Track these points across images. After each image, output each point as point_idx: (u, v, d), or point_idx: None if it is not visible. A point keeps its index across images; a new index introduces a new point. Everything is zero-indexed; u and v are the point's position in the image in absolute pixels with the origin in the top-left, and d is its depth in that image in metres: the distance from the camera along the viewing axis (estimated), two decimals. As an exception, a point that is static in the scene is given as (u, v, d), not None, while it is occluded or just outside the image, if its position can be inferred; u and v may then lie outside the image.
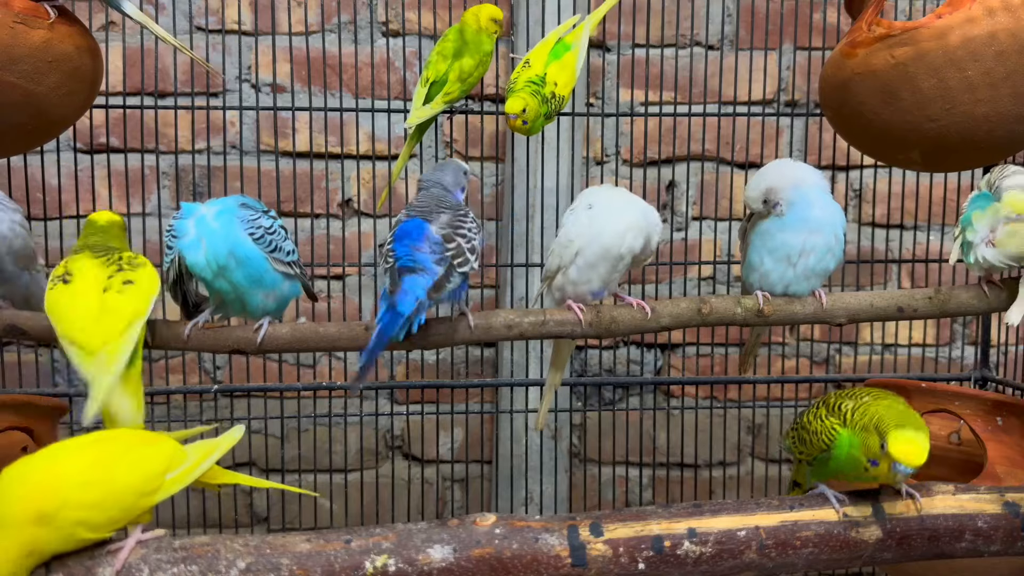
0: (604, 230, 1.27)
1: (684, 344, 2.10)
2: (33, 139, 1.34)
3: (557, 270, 1.31)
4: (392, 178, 1.54)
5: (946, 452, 1.60)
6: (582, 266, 1.29)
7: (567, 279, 1.30)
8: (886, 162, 1.65)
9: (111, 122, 1.83)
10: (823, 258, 1.33)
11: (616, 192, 1.34)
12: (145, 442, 1.04)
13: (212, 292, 1.27)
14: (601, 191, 1.34)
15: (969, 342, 2.14)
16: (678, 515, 1.15)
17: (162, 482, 1.01)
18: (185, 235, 1.22)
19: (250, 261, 1.23)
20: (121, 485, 0.98)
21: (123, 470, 0.99)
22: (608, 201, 1.30)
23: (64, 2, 1.23)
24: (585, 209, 1.30)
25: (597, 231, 1.27)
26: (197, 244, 1.21)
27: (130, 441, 1.03)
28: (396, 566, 1.06)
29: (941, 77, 1.26)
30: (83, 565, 1.01)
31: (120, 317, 1.11)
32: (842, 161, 1.99)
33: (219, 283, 1.23)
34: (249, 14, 1.89)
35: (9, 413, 1.43)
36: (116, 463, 0.99)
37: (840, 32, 1.90)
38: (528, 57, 1.46)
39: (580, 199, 1.34)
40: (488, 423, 2.07)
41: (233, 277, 1.23)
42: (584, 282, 1.30)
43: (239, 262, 1.22)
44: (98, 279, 1.14)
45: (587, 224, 1.28)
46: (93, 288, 1.13)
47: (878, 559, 1.18)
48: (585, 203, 1.31)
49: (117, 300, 1.12)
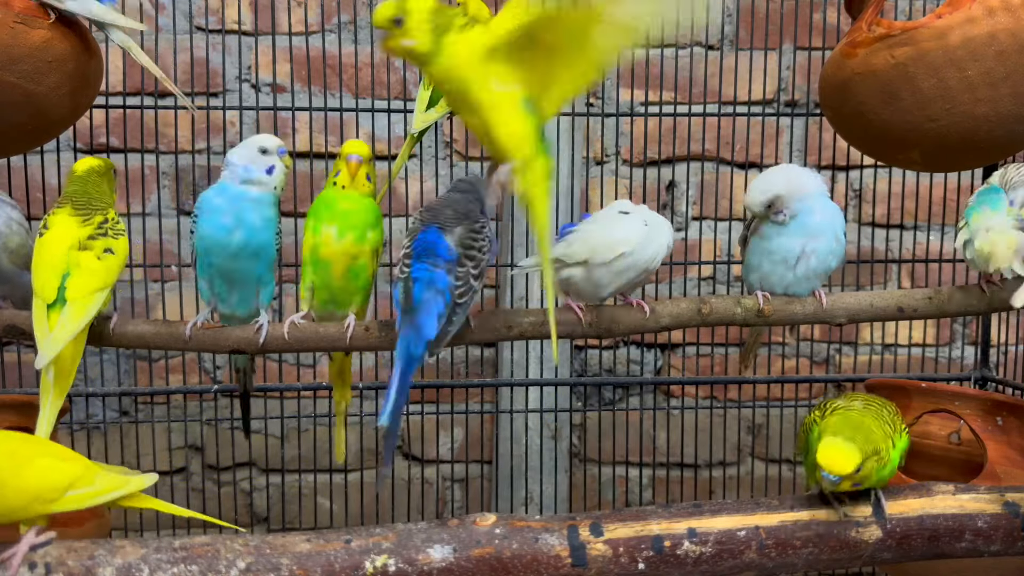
0: (658, 247, 1.28)
1: (684, 344, 2.10)
2: (33, 139, 1.34)
3: (582, 263, 1.28)
4: (391, 178, 1.54)
5: (946, 452, 1.60)
6: (617, 271, 1.27)
7: (587, 277, 1.28)
8: (886, 162, 1.65)
9: (111, 122, 1.83)
10: (824, 260, 1.33)
11: (653, 212, 1.35)
12: (58, 455, 1.07)
13: (211, 274, 1.27)
14: (641, 207, 1.34)
15: (969, 342, 2.14)
16: (678, 515, 1.15)
17: (62, 496, 1.04)
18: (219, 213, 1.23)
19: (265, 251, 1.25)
20: (21, 484, 1.02)
21: (28, 472, 1.02)
22: (653, 217, 1.31)
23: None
24: (642, 222, 1.29)
25: (654, 250, 1.28)
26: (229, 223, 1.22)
27: (44, 450, 1.07)
28: (396, 566, 1.06)
29: (941, 77, 1.26)
30: (83, 565, 1.01)
31: (96, 278, 1.17)
32: (842, 161, 1.99)
33: (230, 264, 1.24)
34: (249, 14, 1.89)
35: (9, 413, 1.43)
36: (23, 463, 1.03)
37: (840, 32, 1.90)
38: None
39: (618, 207, 1.33)
40: (488, 423, 2.07)
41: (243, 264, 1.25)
42: (605, 286, 1.29)
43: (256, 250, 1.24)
44: (70, 234, 1.19)
45: (639, 233, 1.27)
46: (61, 242, 1.18)
47: (878, 559, 1.18)
48: (638, 215, 1.30)
49: (95, 264, 1.18)
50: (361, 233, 1.24)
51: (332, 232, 1.23)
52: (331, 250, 1.24)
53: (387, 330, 1.27)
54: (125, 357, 1.98)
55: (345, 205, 1.24)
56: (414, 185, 2.02)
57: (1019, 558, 1.29)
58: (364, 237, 1.25)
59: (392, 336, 1.27)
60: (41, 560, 1.01)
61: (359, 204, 1.25)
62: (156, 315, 1.94)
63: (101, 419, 1.94)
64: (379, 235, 1.27)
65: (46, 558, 1.01)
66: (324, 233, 1.24)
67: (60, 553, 1.02)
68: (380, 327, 1.28)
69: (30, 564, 1.00)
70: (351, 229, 1.24)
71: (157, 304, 1.94)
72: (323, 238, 1.24)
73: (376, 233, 1.26)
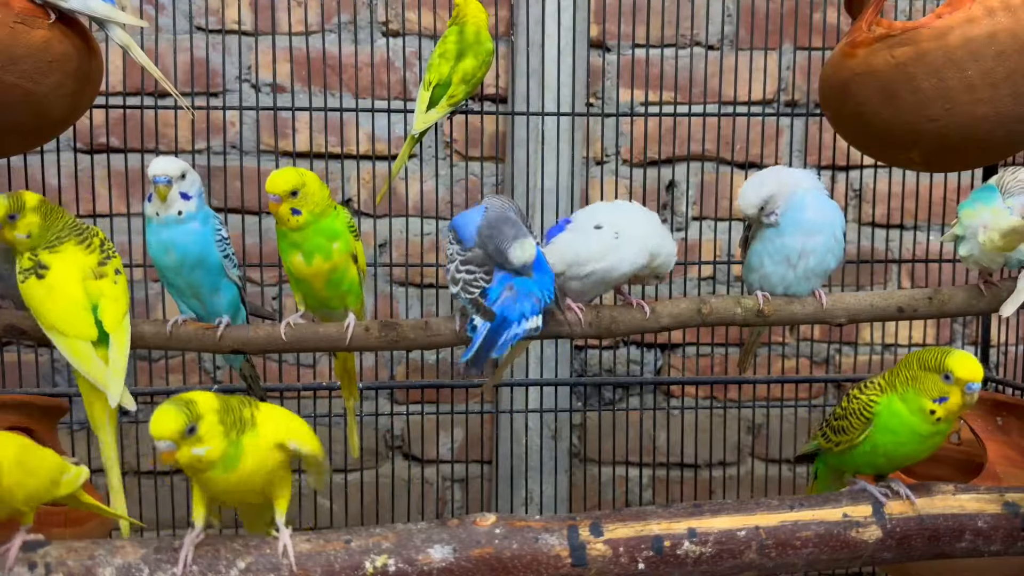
0: (623, 259, 1.27)
1: (684, 344, 2.10)
2: (33, 139, 1.34)
3: (560, 273, 1.30)
4: (391, 177, 1.54)
5: (946, 452, 1.60)
6: (593, 282, 1.29)
7: (569, 286, 1.31)
8: (886, 162, 1.65)
9: (111, 122, 1.83)
10: (823, 259, 1.33)
11: (634, 215, 1.32)
12: (41, 447, 1.09)
13: (167, 284, 1.32)
14: (620, 212, 1.32)
15: (969, 342, 2.13)
16: (678, 515, 1.15)
17: (62, 478, 1.07)
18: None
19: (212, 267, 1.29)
20: (42, 469, 1.05)
21: (41, 459, 1.05)
22: (629, 225, 1.29)
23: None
24: (612, 235, 1.28)
25: (617, 260, 1.27)
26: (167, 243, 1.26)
27: (32, 443, 1.08)
28: (396, 566, 1.06)
29: (941, 77, 1.26)
30: (83, 565, 1.01)
31: (121, 304, 1.18)
32: (842, 161, 1.99)
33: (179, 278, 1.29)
34: (249, 14, 1.89)
35: (9, 413, 1.43)
36: (36, 453, 1.05)
37: (840, 32, 1.90)
38: None
39: (597, 215, 1.31)
40: (488, 423, 2.07)
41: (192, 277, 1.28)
42: (588, 291, 1.31)
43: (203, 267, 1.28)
44: (78, 266, 1.18)
45: (608, 249, 1.27)
46: (74, 276, 1.17)
47: (878, 559, 1.18)
48: (610, 228, 1.28)
49: (116, 290, 1.18)
50: (326, 252, 1.25)
51: (299, 259, 1.26)
52: (305, 272, 1.26)
53: (387, 330, 1.27)
54: (125, 357, 1.97)
55: (295, 237, 1.25)
56: (414, 185, 2.02)
57: (1019, 558, 1.30)
58: (330, 254, 1.25)
59: (392, 336, 1.27)
60: (41, 560, 1.01)
61: (309, 230, 1.24)
62: (156, 315, 1.94)
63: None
64: (346, 241, 1.27)
65: (46, 558, 1.01)
66: (293, 261, 1.26)
67: (60, 553, 1.02)
68: (380, 327, 1.28)
69: (30, 564, 1.00)
70: (315, 252, 1.25)
71: (157, 304, 1.94)
72: (294, 265, 1.26)
73: (342, 241, 1.26)
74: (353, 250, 1.28)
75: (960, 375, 1.11)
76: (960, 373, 1.11)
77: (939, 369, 1.12)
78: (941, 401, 1.13)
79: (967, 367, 1.11)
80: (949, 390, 1.12)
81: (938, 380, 1.12)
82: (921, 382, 1.14)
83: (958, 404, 1.13)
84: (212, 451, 0.97)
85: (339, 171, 1.99)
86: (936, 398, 1.13)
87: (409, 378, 2.07)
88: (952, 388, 1.12)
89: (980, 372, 1.12)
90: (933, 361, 1.13)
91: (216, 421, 0.98)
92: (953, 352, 1.13)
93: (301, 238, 1.24)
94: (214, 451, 0.97)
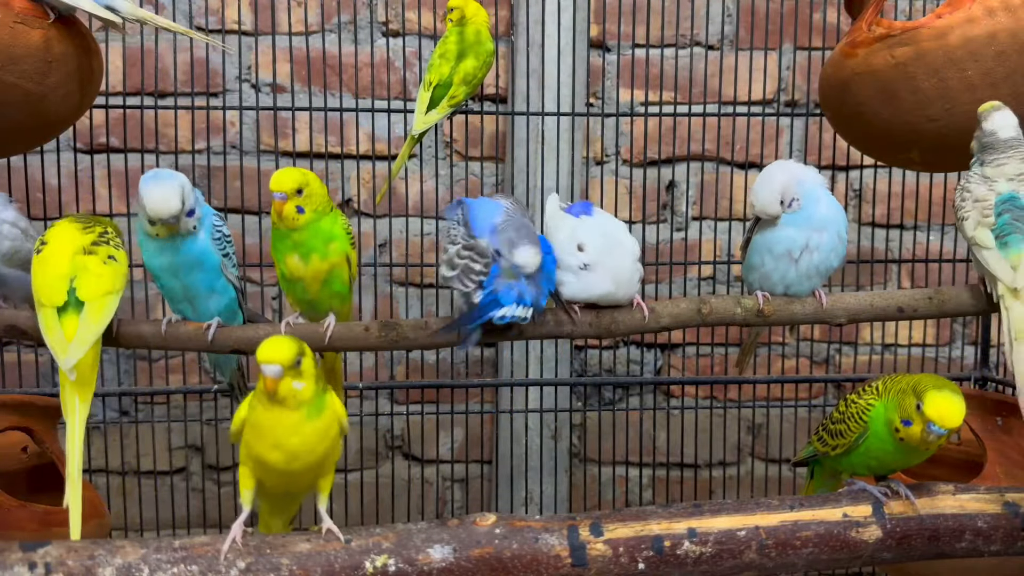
0: (606, 285, 1.26)
1: (684, 344, 2.10)
2: (33, 139, 1.34)
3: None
4: (391, 177, 1.54)
5: (946, 452, 1.60)
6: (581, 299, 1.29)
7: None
8: (886, 162, 1.65)
9: (111, 122, 1.82)
10: (827, 256, 1.31)
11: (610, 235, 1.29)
12: None
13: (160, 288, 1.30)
14: (595, 234, 1.28)
15: (969, 342, 2.13)
16: (678, 515, 1.15)
17: None
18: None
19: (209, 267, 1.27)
20: None
21: None
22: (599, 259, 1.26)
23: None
24: (579, 265, 1.26)
25: (602, 289, 1.26)
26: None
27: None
28: (396, 566, 1.06)
29: (941, 77, 1.26)
30: (83, 565, 1.01)
31: (106, 281, 1.16)
32: (842, 161, 1.99)
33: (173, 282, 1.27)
34: (249, 14, 1.89)
35: (9, 413, 1.43)
36: None
37: (840, 32, 1.90)
38: None
39: (583, 239, 1.28)
40: (488, 423, 2.07)
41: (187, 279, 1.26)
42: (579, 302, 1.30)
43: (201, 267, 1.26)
44: (72, 241, 1.18)
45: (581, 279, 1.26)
46: (64, 249, 1.17)
47: (878, 559, 1.18)
48: (582, 258, 1.26)
49: (103, 268, 1.17)
50: (323, 253, 1.25)
51: (296, 260, 1.25)
52: (300, 274, 1.26)
53: (387, 330, 1.27)
54: (125, 357, 1.97)
55: (296, 237, 1.24)
56: (414, 185, 2.02)
57: (1019, 558, 1.30)
58: (326, 255, 1.25)
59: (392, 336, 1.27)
60: (41, 560, 1.01)
61: (309, 230, 1.24)
62: (156, 315, 1.94)
63: (101, 419, 1.94)
64: (343, 242, 1.26)
65: (46, 558, 1.01)
66: (289, 262, 1.26)
67: (60, 553, 1.02)
68: (380, 327, 1.28)
69: (30, 564, 1.00)
70: (312, 252, 1.24)
71: (157, 304, 1.94)
72: (289, 267, 1.26)
73: (339, 243, 1.26)
74: (346, 251, 1.28)
75: (929, 412, 1.09)
76: (929, 410, 1.09)
77: (919, 396, 1.11)
78: (907, 424, 1.12)
79: (939, 408, 1.09)
80: (916, 418, 1.11)
81: (913, 404, 1.11)
82: (902, 398, 1.14)
83: (917, 436, 1.12)
84: (307, 388, 1.00)
85: (339, 171, 1.99)
86: (903, 419, 1.13)
87: (409, 378, 2.07)
88: (919, 418, 1.11)
89: (951, 420, 1.09)
90: (920, 386, 1.12)
91: (313, 364, 1.02)
92: (939, 391, 1.10)
93: (301, 238, 1.24)
94: (308, 389, 1.00)
